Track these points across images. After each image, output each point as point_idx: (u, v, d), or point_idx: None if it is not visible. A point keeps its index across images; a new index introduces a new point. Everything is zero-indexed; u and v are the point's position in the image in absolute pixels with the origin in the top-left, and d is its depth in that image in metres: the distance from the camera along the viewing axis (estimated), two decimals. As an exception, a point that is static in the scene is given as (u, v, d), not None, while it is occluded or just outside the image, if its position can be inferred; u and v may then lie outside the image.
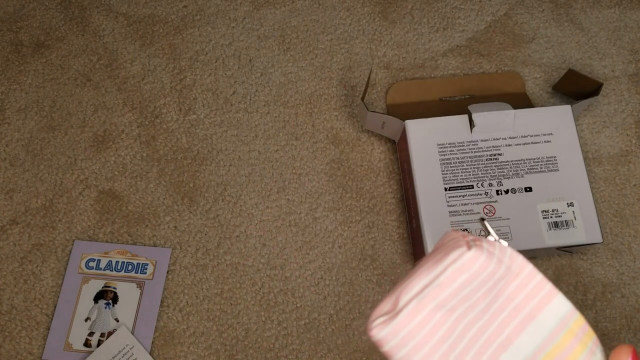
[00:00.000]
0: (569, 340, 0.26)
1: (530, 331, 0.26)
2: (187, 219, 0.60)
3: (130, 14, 0.69)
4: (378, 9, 0.69)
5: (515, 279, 0.26)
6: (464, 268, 0.25)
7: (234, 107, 0.65)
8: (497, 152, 0.58)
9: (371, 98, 0.65)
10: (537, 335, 0.26)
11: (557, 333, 0.26)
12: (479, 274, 0.26)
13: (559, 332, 0.26)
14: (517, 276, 0.26)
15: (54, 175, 0.61)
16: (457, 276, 0.25)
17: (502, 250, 0.26)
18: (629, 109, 0.65)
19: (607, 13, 0.69)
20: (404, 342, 0.25)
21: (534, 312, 0.26)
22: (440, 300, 0.25)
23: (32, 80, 0.65)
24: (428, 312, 0.25)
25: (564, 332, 0.26)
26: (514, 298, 0.26)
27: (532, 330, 0.26)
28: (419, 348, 0.25)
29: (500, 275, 0.26)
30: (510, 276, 0.26)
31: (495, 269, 0.26)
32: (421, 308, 0.25)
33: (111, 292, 0.56)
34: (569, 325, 0.26)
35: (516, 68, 0.67)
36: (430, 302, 0.25)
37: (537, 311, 0.26)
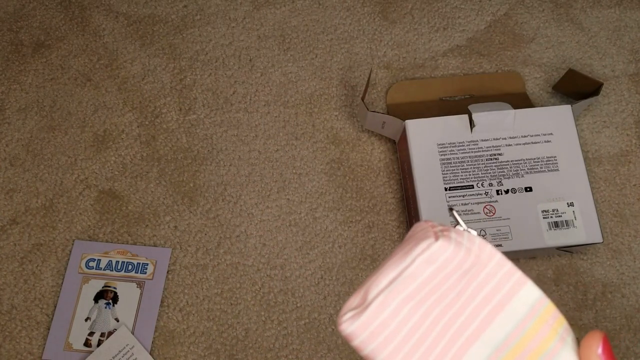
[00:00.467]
0: (539, 328, 0.26)
1: (500, 320, 0.26)
2: (187, 218, 0.60)
3: (130, 14, 0.69)
4: (378, 8, 0.69)
5: (485, 268, 0.26)
6: (431, 259, 0.25)
7: (234, 107, 0.65)
8: (497, 152, 0.58)
9: (371, 98, 0.65)
10: (507, 325, 0.26)
11: (527, 321, 0.26)
12: (447, 264, 0.26)
13: (530, 320, 0.26)
14: (486, 265, 0.26)
15: (54, 175, 0.61)
16: (425, 267, 0.25)
17: (471, 240, 0.26)
18: (629, 108, 0.65)
19: (607, 13, 0.69)
20: (373, 335, 0.25)
21: (503, 301, 0.26)
22: (409, 292, 0.25)
23: (32, 80, 0.65)
24: (397, 304, 0.25)
25: (535, 320, 0.26)
26: (483, 287, 0.26)
27: (502, 320, 0.26)
28: (388, 341, 0.25)
29: (470, 265, 0.26)
30: (479, 265, 0.26)
31: (464, 258, 0.26)
32: (390, 301, 0.25)
33: (111, 292, 0.56)
34: (539, 313, 0.26)
35: (516, 68, 0.67)
36: (399, 294, 0.25)
37: (506, 300, 0.26)
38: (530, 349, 0.26)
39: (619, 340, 0.56)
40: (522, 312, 0.26)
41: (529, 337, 0.26)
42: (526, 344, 0.26)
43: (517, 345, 0.26)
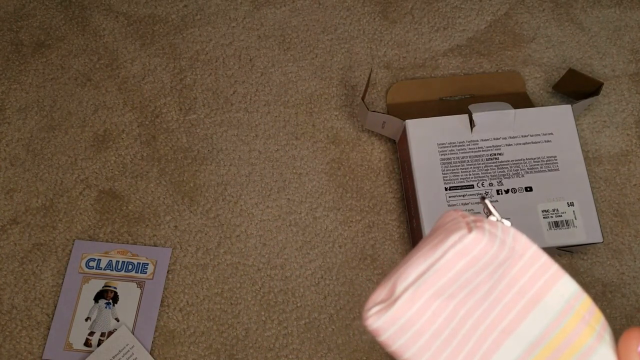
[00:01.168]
0: (575, 324, 0.25)
1: (535, 315, 0.25)
2: (188, 218, 0.60)
3: (130, 14, 0.69)
4: (378, 8, 0.69)
5: (519, 261, 0.25)
6: (464, 252, 0.24)
7: (234, 107, 0.65)
8: (497, 151, 0.58)
9: (371, 98, 0.65)
10: (542, 320, 0.25)
11: (563, 316, 0.25)
12: (480, 258, 0.24)
13: (566, 316, 0.25)
14: (521, 258, 0.25)
15: (54, 175, 0.61)
16: (457, 261, 0.24)
17: (505, 231, 0.25)
18: (629, 108, 0.65)
19: (608, 13, 0.69)
20: (402, 331, 0.24)
21: (538, 295, 0.25)
22: (439, 286, 0.24)
23: (33, 79, 0.65)
24: (426, 299, 0.24)
25: (571, 316, 0.25)
26: (517, 281, 0.25)
27: (537, 315, 0.25)
28: (417, 337, 0.24)
29: (503, 258, 0.25)
30: (514, 258, 0.25)
31: (498, 251, 0.24)
32: (419, 295, 0.24)
33: (111, 292, 0.56)
34: (575, 308, 0.25)
35: (516, 68, 0.67)
36: (429, 289, 0.24)
37: (542, 294, 0.25)
38: (565, 346, 0.25)
39: (619, 340, 0.56)
40: (557, 307, 0.25)
41: (564, 333, 0.25)
42: (561, 340, 0.25)
43: (552, 341, 0.25)
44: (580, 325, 0.25)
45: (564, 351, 0.25)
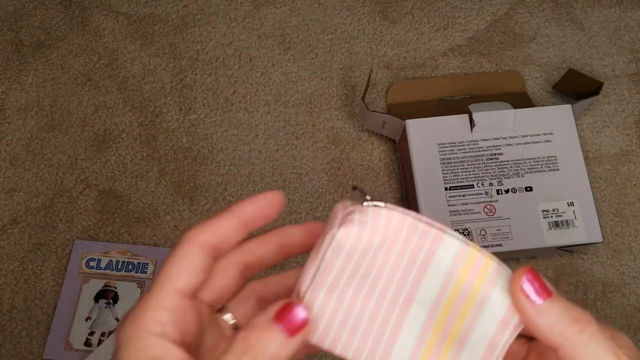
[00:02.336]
0: (465, 277, 0.26)
1: (428, 279, 0.26)
2: (188, 218, 0.60)
3: (130, 14, 0.69)
4: (378, 8, 0.69)
5: (399, 236, 0.26)
6: (338, 248, 0.26)
7: (234, 107, 0.65)
8: (497, 151, 0.58)
9: (371, 97, 0.65)
10: (435, 282, 0.26)
11: (453, 273, 0.26)
12: (355, 247, 0.26)
13: (455, 272, 0.26)
14: (400, 232, 0.26)
15: (55, 175, 0.61)
16: (335, 257, 0.26)
17: (376, 214, 0.26)
18: (629, 108, 0.65)
19: (608, 12, 0.69)
20: (315, 329, 0.27)
21: (427, 260, 0.26)
22: (330, 283, 0.26)
23: (33, 79, 0.65)
24: (323, 297, 0.26)
25: (459, 271, 0.26)
26: (404, 254, 0.26)
27: (429, 278, 0.26)
28: (328, 330, 0.26)
29: (381, 239, 0.26)
30: (393, 236, 0.26)
31: (371, 235, 0.26)
32: (315, 295, 0.26)
33: (112, 292, 0.56)
34: (462, 262, 0.26)
35: (516, 67, 0.67)
36: (321, 287, 0.26)
37: (429, 258, 0.26)
38: (461, 300, 0.26)
39: (619, 340, 0.56)
40: (446, 266, 0.26)
41: (457, 289, 0.26)
42: (456, 296, 0.26)
43: (449, 299, 0.26)
44: (471, 277, 0.26)
45: (461, 306, 0.26)
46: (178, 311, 0.26)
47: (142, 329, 0.25)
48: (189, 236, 0.27)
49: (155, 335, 0.25)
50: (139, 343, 0.25)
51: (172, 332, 0.25)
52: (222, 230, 0.27)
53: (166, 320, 0.25)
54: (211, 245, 0.27)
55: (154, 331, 0.25)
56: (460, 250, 0.26)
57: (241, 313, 0.30)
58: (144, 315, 0.25)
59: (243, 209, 0.28)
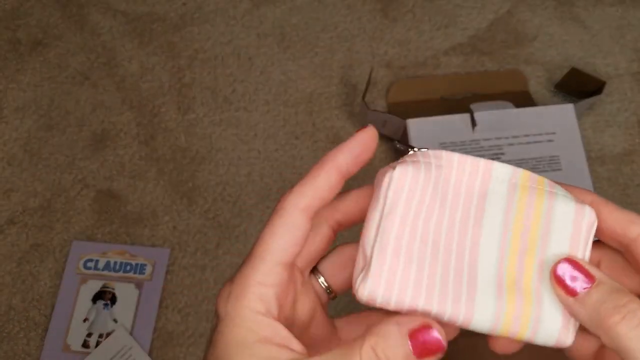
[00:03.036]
0: (525, 197, 0.26)
1: (490, 207, 0.26)
2: (186, 219, 0.59)
3: (128, 12, 0.68)
4: (379, 6, 0.69)
5: (451, 171, 0.27)
6: (399, 187, 0.26)
7: (233, 106, 0.64)
8: (499, 151, 0.57)
9: (372, 97, 0.65)
10: (498, 205, 0.26)
11: (512, 197, 0.26)
12: (415, 184, 0.26)
13: (514, 195, 0.26)
14: (451, 167, 0.27)
15: (52, 175, 0.61)
16: (398, 198, 0.25)
17: (425, 155, 0.27)
18: (632, 107, 0.65)
19: (610, 11, 0.69)
20: (389, 286, 0.25)
21: (483, 189, 0.26)
22: (397, 228, 0.25)
23: (30, 79, 0.65)
24: (393, 244, 0.25)
25: (518, 192, 0.26)
26: (459, 187, 0.26)
27: (491, 205, 0.26)
28: (405, 285, 0.25)
29: (436, 175, 0.26)
30: (445, 171, 0.27)
31: (427, 172, 0.26)
32: (385, 244, 0.25)
33: (109, 293, 0.56)
34: (518, 184, 0.27)
35: (518, 66, 0.66)
36: (390, 234, 0.25)
37: (485, 187, 0.26)
38: (528, 221, 0.26)
39: (622, 342, 0.56)
40: (503, 191, 0.26)
41: (520, 210, 0.26)
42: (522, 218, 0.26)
43: (516, 224, 0.26)
44: (531, 194, 0.26)
45: (529, 227, 0.26)
46: (281, 286, 0.25)
47: (247, 308, 0.24)
48: (290, 203, 0.25)
49: (261, 314, 0.24)
50: (246, 323, 0.24)
51: (275, 310, 0.25)
52: (322, 190, 0.26)
53: (270, 297, 0.24)
54: (314, 209, 0.26)
55: (260, 310, 0.24)
56: (512, 173, 0.27)
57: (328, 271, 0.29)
58: (247, 292, 0.24)
59: (339, 160, 0.27)
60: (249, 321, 0.24)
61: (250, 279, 0.25)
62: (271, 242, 0.25)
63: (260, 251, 0.25)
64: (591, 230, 0.26)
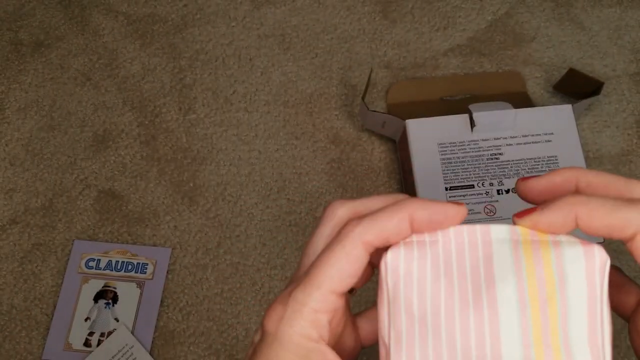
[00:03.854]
0: (531, 251, 0.25)
1: (498, 270, 0.25)
2: (187, 218, 0.60)
3: (130, 13, 0.68)
4: (378, 8, 0.69)
5: (450, 243, 0.26)
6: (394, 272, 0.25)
7: (234, 107, 0.64)
8: (497, 151, 0.58)
9: (372, 97, 0.65)
10: (506, 271, 0.25)
11: (517, 254, 0.25)
12: (411, 267, 0.25)
13: (518, 252, 0.25)
14: (449, 240, 0.26)
15: (54, 175, 0.61)
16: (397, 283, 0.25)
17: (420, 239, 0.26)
18: (630, 108, 0.65)
19: (608, 12, 0.69)
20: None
21: (487, 254, 0.25)
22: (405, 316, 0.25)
23: (32, 79, 0.65)
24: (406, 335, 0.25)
25: (522, 248, 0.25)
26: (462, 257, 0.25)
27: (499, 268, 0.25)
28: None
29: (433, 251, 0.25)
30: (444, 245, 0.26)
31: (421, 251, 0.25)
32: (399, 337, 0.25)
33: (111, 292, 0.56)
34: (519, 239, 0.25)
35: (517, 67, 0.66)
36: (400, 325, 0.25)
37: (488, 251, 0.25)
38: (540, 277, 0.25)
39: (619, 340, 0.56)
40: (507, 252, 0.25)
41: (530, 268, 0.25)
42: (534, 277, 0.25)
43: (530, 286, 0.24)
44: (535, 248, 0.25)
45: (543, 284, 0.24)
46: (334, 313, 0.25)
47: (299, 334, 0.24)
48: (355, 234, 0.25)
49: (314, 340, 0.24)
50: (296, 349, 0.24)
51: (327, 335, 0.25)
52: (389, 233, 0.25)
53: (324, 323, 0.25)
54: (375, 246, 0.25)
55: (313, 337, 0.24)
56: (511, 230, 0.25)
57: None
58: (301, 317, 0.24)
59: (416, 214, 0.25)
60: (299, 347, 0.24)
61: (305, 303, 0.24)
62: (328, 269, 0.25)
63: (315, 275, 0.25)
64: (604, 271, 0.25)
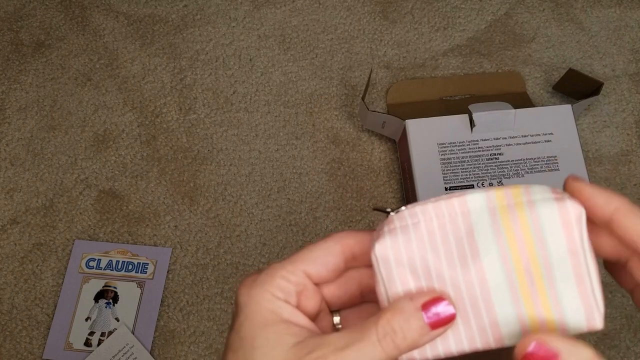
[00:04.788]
0: (507, 216, 0.26)
1: (479, 237, 0.26)
2: (188, 218, 0.60)
3: (130, 14, 0.69)
4: (378, 8, 0.69)
5: (432, 221, 0.27)
6: (385, 260, 0.26)
7: (234, 107, 0.65)
8: (497, 151, 0.58)
9: (371, 97, 0.65)
10: (487, 236, 0.26)
11: (495, 221, 0.26)
12: (399, 252, 0.26)
13: (496, 219, 0.26)
14: (430, 218, 0.27)
15: (55, 175, 0.61)
16: (389, 270, 0.27)
17: (400, 217, 0.27)
18: (629, 108, 0.65)
19: (608, 12, 0.69)
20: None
21: (467, 225, 0.26)
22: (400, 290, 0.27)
23: (33, 79, 0.65)
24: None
25: (499, 214, 0.26)
26: (446, 232, 0.27)
27: (480, 236, 0.26)
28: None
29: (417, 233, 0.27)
30: (426, 224, 0.27)
31: (405, 235, 0.27)
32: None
33: (111, 292, 0.56)
34: (495, 206, 0.26)
35: (516, 67, 0.67)
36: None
37: (468, 222, 0.26)
38: (520, 239, 0.26)
39: (619, 340, 0.56)
40: (486, 219, 0.26)
41: (509, 231, 0.26)
42: (514, 236, 0.26)
43: (510, 243, 0.26)
44: (512, 212, 0.26)
45: (523, 245, 0.26)
46: (302, 287, 0.27)
47: (269, 292, 0.26)
48: (337, 235, 0.28)
49: (282, 300, 0.26)
50: (268, 304, 0.26)
51: (294, 301, 0.27)
52: (368, 244, 0.28)
53: (291, 291, 0.27)
54: (352, 251, 0.28)
55: (280, 297, 0.26)
56: (487, 197, 0.27)
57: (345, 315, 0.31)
58: (271, 282, 0.27)
59: None
60: (271, 304, 0.26)
61: (276, 271, 0.27)
62: (305, 254, 0.28)
63: (292, 257, 0.28)
64: (581, 223, 0.26)
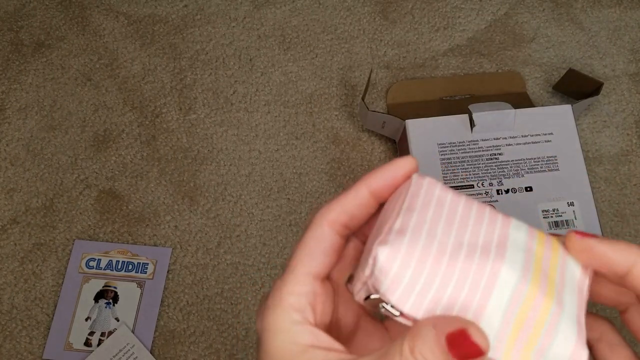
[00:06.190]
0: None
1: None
2: (188, 218, 0.60)
3: (130, 14, 0.69)
4: (378, 8, 0.69)
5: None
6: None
7: (234, 107, 0.65)
8: (497, 151, 0.58)
9: (371, 98, 0.65)
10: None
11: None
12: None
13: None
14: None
15: (55, 175, 0.61)
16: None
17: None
18: (629, 108, 0.65)
19: (608, 12, 0.69)
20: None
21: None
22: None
23: (33, 79, 0.65)
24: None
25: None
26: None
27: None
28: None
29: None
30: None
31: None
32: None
33: (111, 292, 0.56)
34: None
35: (516, 68, 0.67)
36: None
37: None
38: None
39: (619, 340, 0.56)
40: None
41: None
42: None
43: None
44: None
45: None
46: (313, 295, 0.25)
47: (283, 318, 0.25)
48: (319, 216, 0.26)
49: (299, 323, 0.24)
50: (288, 334, 0.24)
51: (312, 317, 0.25)
52: (351, 206, 0.26)
53: (304, 305, 0.25)
54: (341, 223, 0.26)
55: (296, 319, 0.25)
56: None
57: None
58: (282, 303, 0.25)
59: (370, 180, 0.27)
60: (288, 331, 0.24)
61: (283, 290, 0.25)
62: (300, 254, 0.26)
63: (291, 264, 0.26)
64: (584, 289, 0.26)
